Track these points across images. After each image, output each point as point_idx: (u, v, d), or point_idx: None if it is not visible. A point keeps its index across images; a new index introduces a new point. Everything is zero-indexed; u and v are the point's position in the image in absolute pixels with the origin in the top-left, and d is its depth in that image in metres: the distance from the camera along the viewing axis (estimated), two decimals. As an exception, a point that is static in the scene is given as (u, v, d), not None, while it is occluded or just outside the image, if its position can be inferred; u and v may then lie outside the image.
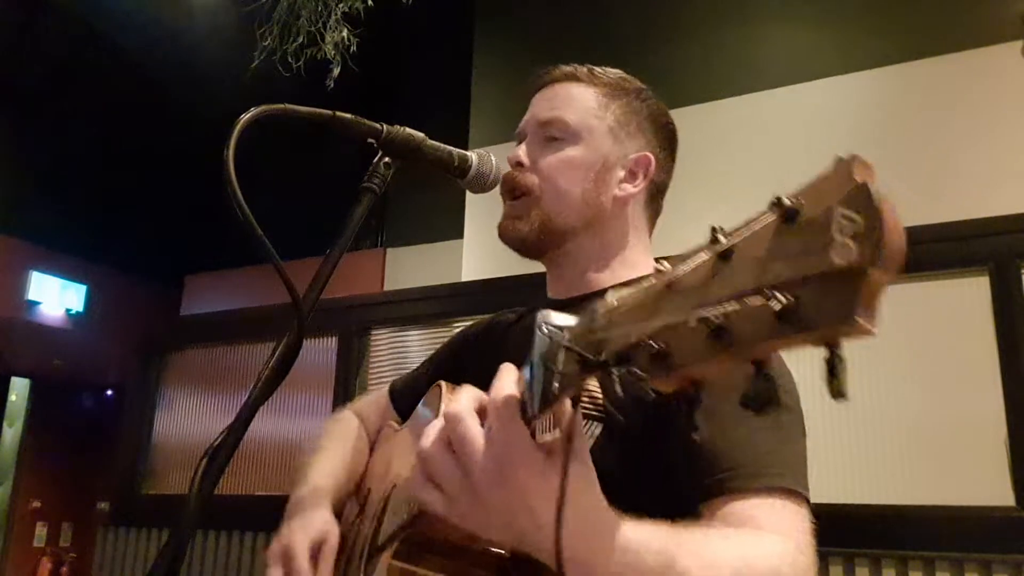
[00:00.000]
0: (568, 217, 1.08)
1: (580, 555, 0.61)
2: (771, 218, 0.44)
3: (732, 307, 0.43)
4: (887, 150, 3.13)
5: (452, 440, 0.64)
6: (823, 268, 0.39)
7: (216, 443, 0.78)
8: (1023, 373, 2.26)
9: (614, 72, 1.15)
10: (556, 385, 0.57)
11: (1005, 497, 2.20)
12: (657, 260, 0.52)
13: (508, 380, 0.64)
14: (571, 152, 1.09)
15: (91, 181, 6.47)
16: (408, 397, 1.27)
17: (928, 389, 2.38)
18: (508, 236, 1.11)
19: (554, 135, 1.11)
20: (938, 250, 2.43)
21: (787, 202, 0.43)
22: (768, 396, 0.43)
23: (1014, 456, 2.22)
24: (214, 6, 4.68)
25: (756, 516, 0.79)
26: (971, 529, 2.19)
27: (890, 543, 2.27)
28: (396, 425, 1.25)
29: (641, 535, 0.65)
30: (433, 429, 0.66)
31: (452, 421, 0.64)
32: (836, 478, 2.39)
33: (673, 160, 1.16)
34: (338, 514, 1.15)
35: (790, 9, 3.78)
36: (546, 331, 0.59)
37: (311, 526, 1.07)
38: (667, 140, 1.15)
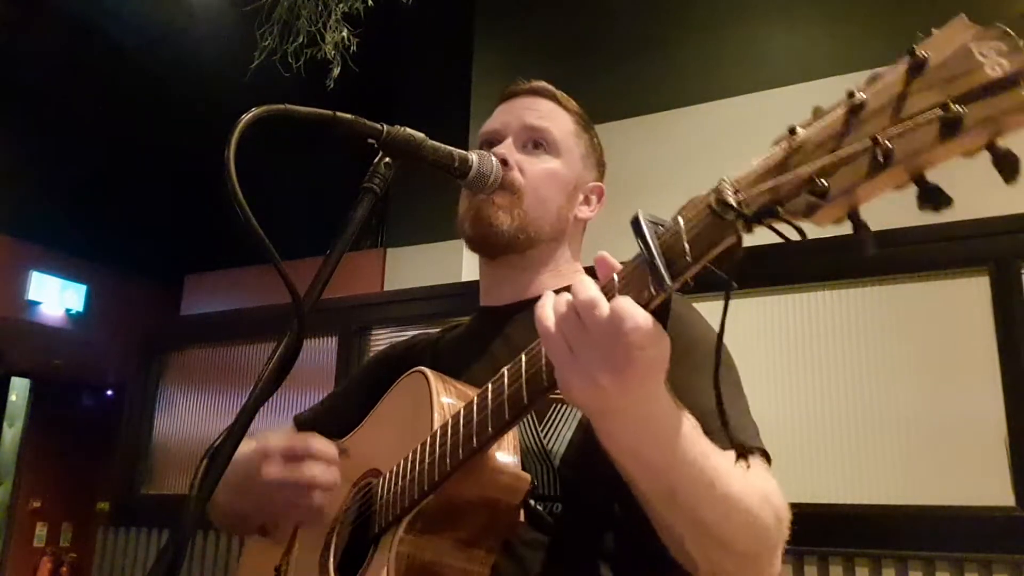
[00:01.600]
0: (543, 227, 1.14)
1: (653, 429, 0.73)
2: (900, 68, 0.52)
3: (896, 128, 0.51)
4: (887, 150, 3.12)
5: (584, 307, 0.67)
6: (982, 80, 0.48)
7: (216, 444, 0.78)
8: (1023, 373, 2.26)
9: (575, 104, 1.24)
10: (688, 253, 0.61)
11: (1005, 497, 2.20)
12: (789, 126, 0.59)
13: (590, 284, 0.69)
14: (554, 164, 1.16)
15: (91, 181, 6.47)
16: (322, 424, 1.21)
17: (928, 389, 2.38)
18: (485, 222, 1.12)
19: (538, 142, 1.16)
20: (938, 250, 2.43)
21: (918, 52, 0.52)
22: (942, 196, 0.53)
23: (1014, 456, 2.22)
24: (214, 6, 4.68)
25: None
26: (971, 529, 2.19)
27: (890, 543, 2.27)
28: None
29: (693, 424, 0.77)
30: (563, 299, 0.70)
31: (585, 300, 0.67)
32: (836, 478, 2.39)
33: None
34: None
35: (790, 9, 3.78)
36: (651, 221, 0.65)
37: (282, 435, 1.04)
38: (603, 174, 1.26)
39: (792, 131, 0.58)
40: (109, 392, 8.56)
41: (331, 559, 1.04)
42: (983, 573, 2.16)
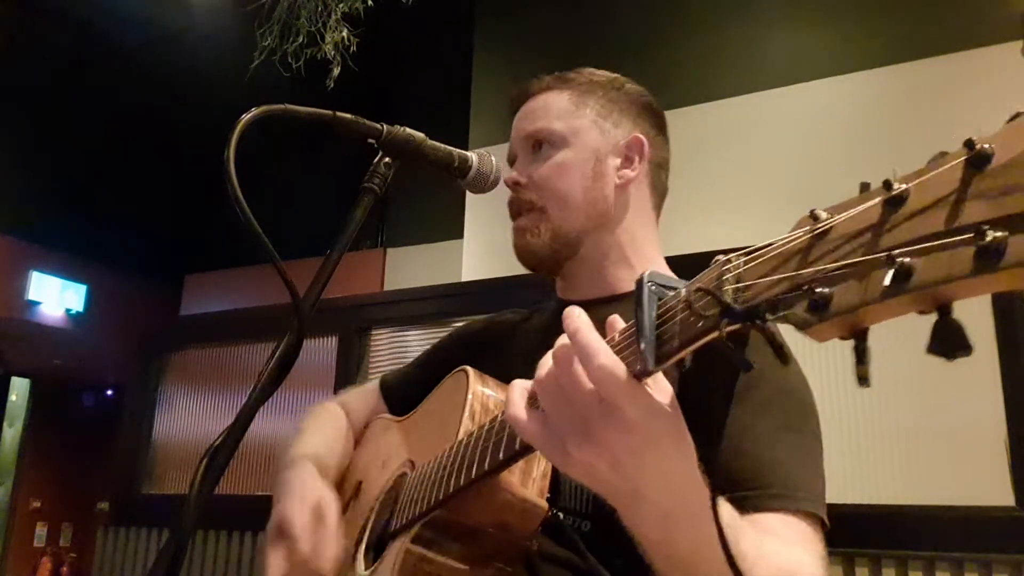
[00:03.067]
0: (576, 220, 1.08)
1: (665, 504, 0.61)
2: (957, 161, 0.43)
3: (922, 246, 0.42)
4: (886, 150, 3.13)
5: (569, 366, 0.61)
6: None
7: (216, 443, 0.78)
8: (1023, 373, 2.26)
9: (586, 72, 1.16)
10: (678, 340, 0.55)
11: (1005, 497, 2.20)
12: (813, 210, 0.50)
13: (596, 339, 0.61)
14: (561, 156, 1.09)
15: (91, 181, 6.47)
16: (401, 393, 1.26)
17: (928, 389, 2.38)
18: (524, 253, 1.10)
19: (540, 143, 1.11)
20: (938, 250, 2.42)
21: (980, 145, 0.42)
22: (959, 341, 0.42)
23: (1014, 456, 2.22)
24: (214, 6, 4.68)
25: (778, 530, 0.80)
26: (971, 529, 2.19)
27: (890, 543, 2.27)
28: (390, 418, 1.23)
29: (726, 521, 0.65)
30: (548, 361, 0.63)
31: (584, 351, 0.60)
32: (836, 478, 2.39)
33: (665, 136, 1.17)
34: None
35: (790, 9, 3.78)
36: (655, 289, 0.57)
37: (306, 494, 1.02)
38: (654, 118, 1.15)
39: (814, 216, 0.48)
40: (109, 392, 8.57)
41: (361, 549, 1.03)
42: (983, 573, 2.16)
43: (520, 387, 0.68)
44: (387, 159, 0.95)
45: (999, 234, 0.39)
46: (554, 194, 1.08)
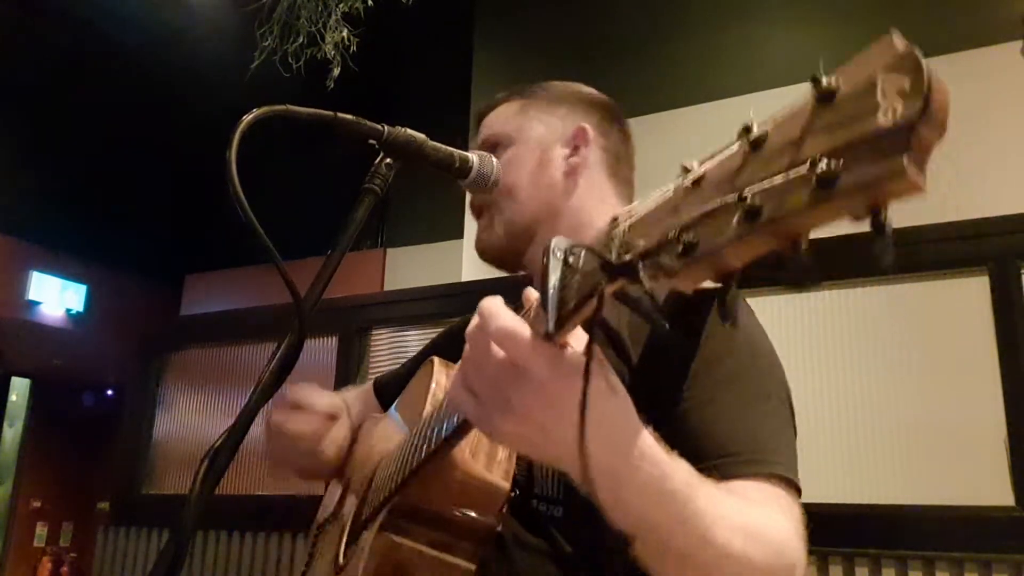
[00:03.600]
0: (526, 210, 1.10)
1: (605, 462, 0.59)
2: (806, 99, 0.43)
3: (764, 184, 0.42)
4: (887, 150, 3.12)
5: (482, 342, 0.62)
6: (871, 129, 0.39)
7: (217, 444, 0.79)
8: (1023, 373, 2.26)
9: (542, 83, 1.20)
10: (573, 299, 0.55)
11: (1005, 497, 2.20)
12: (684, 163, 0.51)
13: (500, 306, 0.62)
14: (509, 153, 1.12)
15: (91, 181, 6.47)
16: (392, 390, 1.28)
17: (928, 389, 2.38)
18: (483, 251, 1.15)
19: (494, 148, 1.14)
20: (938, 250, 2.43)
21: (824, 81, 0.42)
22: (810, 270, 0.43)
23: (1014, 456, 2.22)
24: (214, 6, 4.68)
25: (752, 496, 0.80)
26: (971, 529, 2.19)
27: (890, 543, 2.27)
28: (377, 416, 1.26)
29: (665, 456, 0.65)
30: (473, 335, 0.64)
31: (486, 318, 0.61)
32: (836, 478, 2.39)
33: (616, 124, 1.18)
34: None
35: (790, 9, 3.78)
36: (559, 254, 0.57)
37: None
38: (600, 110, 1.17)
39: (685, 168, 0.49)
40: (109, 392, 8.57)
41: (342, 542, 1.04)
42: (983, 573, 2.16)
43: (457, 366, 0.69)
44: (388, 160, 0.96)
45: (833, 164, 0.39)
46: (503, 188, 1.10)
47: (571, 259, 0.56)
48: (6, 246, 6.23)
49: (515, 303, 1.26)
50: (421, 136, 0.99)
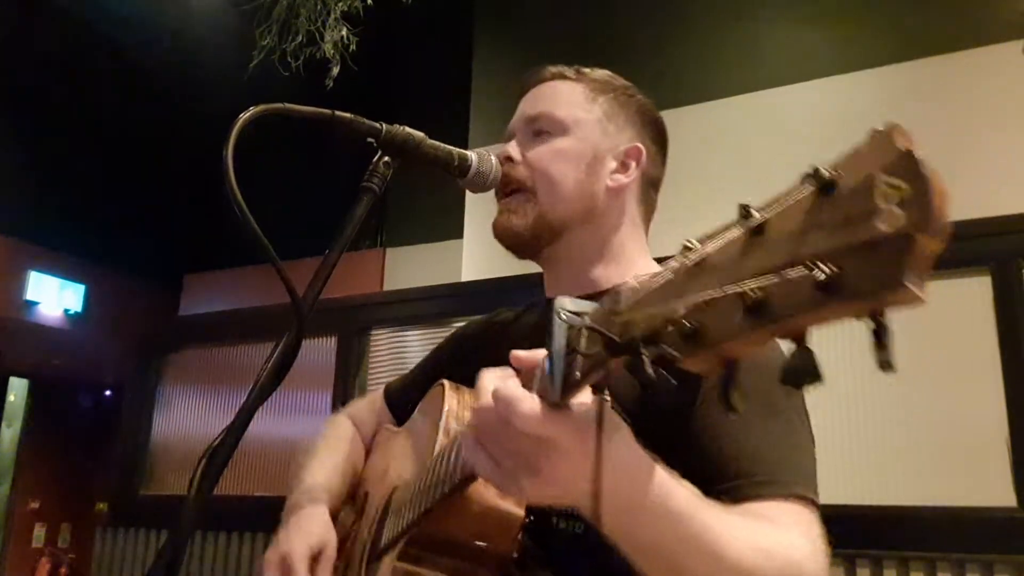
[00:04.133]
0: (563, 209, 1.07)
1: (615, 496, 0.62)
2: (806, 191, 0.43)
3: (769, 281, 0.42)
4: (887, 150, 3.12)
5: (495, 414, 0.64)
6: (869, 236, 0.38)
7: (215, 444, 0.78)
8: (1024, 373, 2.25)
9: (601, 71, 1.15)
10: (579, 371, 0.56)
11: (1007, 498, 2.20)
12: (686, 240, 0.51)
13: (497, 378, 0.66)
14: (561, 143, 1.08)
15: (90, 181, 6.46)
16: (404, 399, 1.27)
17: (930, 389, 2.37)
18: (503, 232, 1.10)
19: (542, 129, 1.10)
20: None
21: (824, 173, 0.42)
22: (809, 370, 0.43)
23: (1016, 456, 2.21)
24: (213, 5, 4.67)
25: (772, 516, 0.79)
26: (973, 530, 2.19)
27: (891, 544, 2.27)
28: (392, 428, 1.24)
29: (668, 477, 0.67)
30: (486, 399, 0.67)
31: (502, 404, 0.63)
32: (837, 478, 2.39)
33: (664, 155, 1.16)
34: (334, 518, 1.14)
35: (790, 9, 3.78)
36: (564, 317, 0.58)
37: (310, 532, 1.06)
38: (657, 134, 1.15)
39: (687, 246, 0.50)
40: (108, 392, 8.56)
41: (363, 565, 1.05)
42: (984, 574, 2.15)
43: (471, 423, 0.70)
44: (386, 158, 0.95)
45: (833, 269, 0.39)
46: (546, 177, 1.07)
47: (576, 323, 0.58)
48: (4, 246, 6.22)
49: (514, 302, 1.26)
50: (420, 134, 0.99)
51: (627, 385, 0.89)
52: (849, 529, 2.29)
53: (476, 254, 4.09)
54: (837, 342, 2.49)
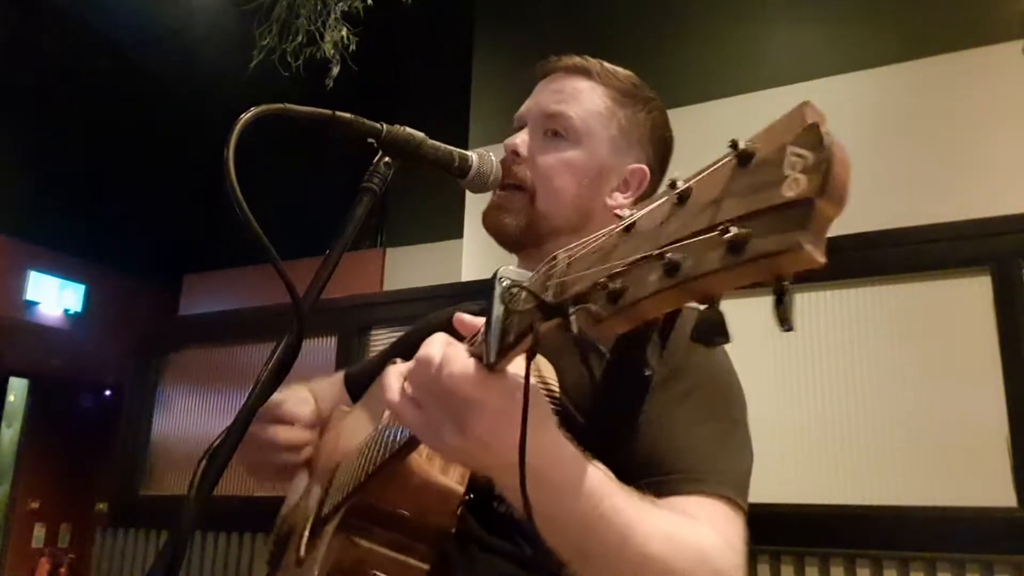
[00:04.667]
0: (556, 219, 1.08)
1: (536, 481, 0.62)
2: (726, 160, 0.46)
3: (682, 243, 0.45)
4: (887, 150, 3.12)
5: (425, 367, 0.67)
6: (773, 201, 0.41)
7: (215, 444, 0.78)
8: (1024, 373, 2.25)
9: (625, 74, 1.14)
10: (513, 333, 0.59)
11: (1007, 498, 2.20)
12: (617, 210, 0.55)
13: (442, 341, 0.68)
14: (571, 154, 1.08)
15: (90, 181, 6.46)
16: (361, 383, 1.28)
17: (929, 389, 2.37)
18: (492, 226, 1.11)
19: (556, 130, 1.09)
20: (939, 250, 2.42)
21: (742, 145, 0.45)
22: (717, 327, 0.45)
23: (1015, 456, 2.21)
24: (213, 5, 4.67)
25: (691, 511, 0.81)
26: (973, 530, 2.19)
27: (891, 544, 2.27)
28: (346, 408, 1.25)
29: (584, 460, 0.70)
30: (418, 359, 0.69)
31: (443, 362, 0.66)
32: (837, 478, 2.39)
33: (663, 174, 1.16)
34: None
35: (790, 9, 3.78)
36: (505, 283, 0.61)
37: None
38: (663, 155, 1.15)
39: (618, 215, 0.53)
40: (107, 392, 8.56)
41: (304, 535, 1.05)
42: (984, 574, 2.15)
43: (396, 372, 0.72)
44: (387, 159, 0.95)
45: (742, 230, 0.42)
46: (548, 186, 1.08)
47: (514, 291, 0.61)
48: (3, 246, 6.22)
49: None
50: (420, 135, 0.98)
51: (577, 377, 0.91)
52: (849, 529, 2.29)
53: (476, 254, 4.09)
54: (839, 343, 2.49)
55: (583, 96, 1.10)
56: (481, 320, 0.67)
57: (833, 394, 2.45)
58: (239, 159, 0.79)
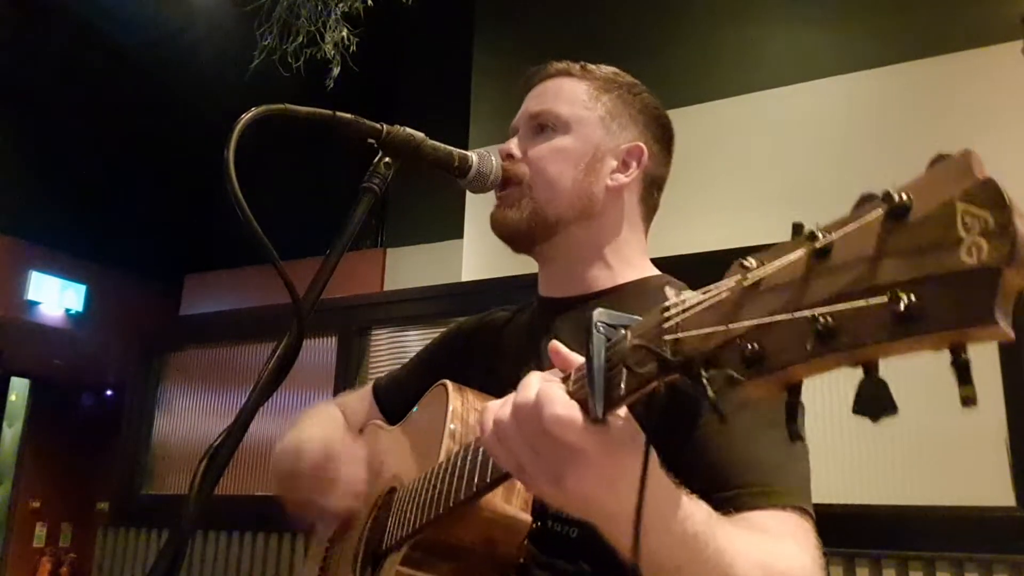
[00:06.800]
0: (559, 206, 1.07)
1: (648, 529, 0.62)
2: (875, 214, 0.41)
3: (841, 307, 0.41)
4: (887, 150, 3.12)
5: (525, 419, 0.64)
6: (951, 268, 0.37)
7: (216, 444, 0.78)
8: None
9: (607, 68, 1.15)
10: (623, 387, 0.56)
11: (1006, 497, 2.20)
12: (741, 259, 0.49)
13: (548, 383, 0.64)
14: (561, 141, 1.09)
15: (91, 181, 6.46)
16: (393, 396, 1.27)
17: (929, 389, 2.37)
18: (499, 225, 1.11)
19: (544, 125, 1.10)
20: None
21: (896, 196, 0.40)
22: (884, 401, 0.42)
23: (1015, 456, 2.22)
24: (213, 6, 4.67)
25: (770, 527, 0.80)
26: (972, 529, 2.19)
27: (891, 543, 2.27)
28: (382, 424, 1.23)
29: (687, 499, 0.68)
30: (507, 406, 0.66)
31: (541, 403, 0.63)
32: (837, 479, 2.39)
33: (669, 154, 1.16)
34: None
35: (789, 9, 3.78)
36: (603, 330, 0.58)
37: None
38: (661, 132, 1.15)
39: (743, 265, 0.47)
40: (109, 392, 8.55)
41: (357, 564, 1.04)
42: (984, 573, 2.16)
43: (492, 411, 0.69)
44: (387, 159, 0.95)
45: (914, 300, 0.38)
46: (543, 175, 1.08)
47: (614, 338, 0.57)
48: (5, 246, 6.22)
49: (514, 302, 1.26)
50: (420, 135, 0.99)
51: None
52: (848, 528, 2.29)
53: (476, 254, 4.10)
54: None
55: (564, 90, 1.12)
56: (577, 358, 0.64)
57: (832, 394, 2.45)
58: (239, 159, 0.79)
